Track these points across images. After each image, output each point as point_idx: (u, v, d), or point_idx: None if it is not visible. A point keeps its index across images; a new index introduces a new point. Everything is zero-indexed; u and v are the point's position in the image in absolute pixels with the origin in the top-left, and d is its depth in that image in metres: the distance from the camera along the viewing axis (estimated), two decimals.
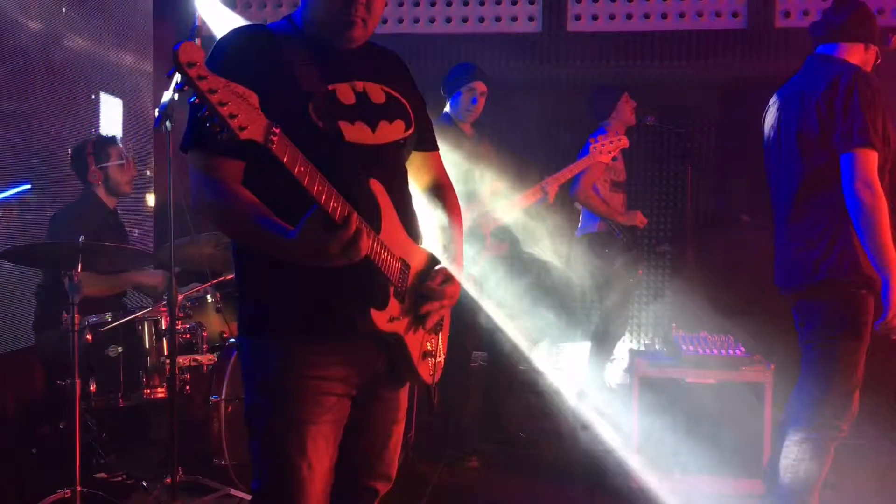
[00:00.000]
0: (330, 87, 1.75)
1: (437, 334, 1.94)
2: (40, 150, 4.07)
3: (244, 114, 1.39)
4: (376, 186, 1.71)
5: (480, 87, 3.98)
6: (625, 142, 4.03)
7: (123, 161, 3.84)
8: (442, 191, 2.09)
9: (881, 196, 2.49)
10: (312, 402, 1.73)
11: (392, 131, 1.83)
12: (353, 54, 1.84)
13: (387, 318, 1.73)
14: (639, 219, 4.53)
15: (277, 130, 1.43)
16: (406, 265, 1.79)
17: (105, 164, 3.80)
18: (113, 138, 3.95)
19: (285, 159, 1.46)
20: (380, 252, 1.68)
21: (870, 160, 2.50)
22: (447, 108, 4.03)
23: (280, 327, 1.75)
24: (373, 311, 1.70)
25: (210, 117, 1.37)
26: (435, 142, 2.08)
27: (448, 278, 1.86)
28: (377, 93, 1.83)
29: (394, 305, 1.75)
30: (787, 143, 2.72)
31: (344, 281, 1.68)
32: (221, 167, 1.70)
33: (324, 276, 1.65)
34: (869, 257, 2.53)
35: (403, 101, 1.89)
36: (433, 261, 1.89)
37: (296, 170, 1.47)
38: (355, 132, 1.76)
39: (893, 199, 2.66)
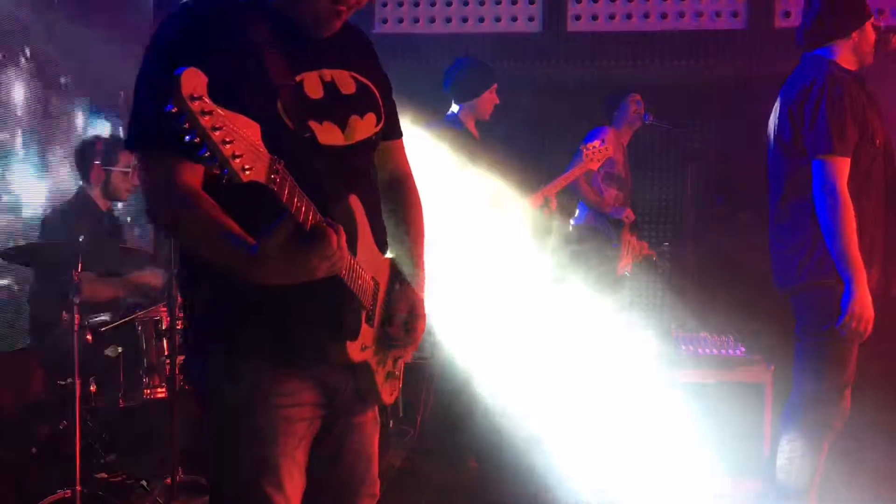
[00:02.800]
0: (297, 79, 1.56)
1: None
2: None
3: (248, 153, 1.21)
4: (355, 204, 1.56)
5: (496, 85, 3.99)
6: (610, 151, 4.09)
7: (129, 170, 3.76)
8: (401, 185, 1.88)
9: (844, 202, 2.53)
10: (286, 433, 1.59)
11: (364, 128, 1.67)
12: (321, 38, 1.62)
13: (359, 348, 1.61)
14: (625, 214, 4.53)
15: (280, 167, 1.27)
16: (377, 284, 1.67)
17: (110, 168, 3.74)
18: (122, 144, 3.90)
19: (285, 197, 1.29)
20: (355, 277, 1.54)
21: (836, 167, 2.55)
22: (454, 109, 3.97)
23: (247, 353, 1.58)
24: (348, 344, 1.57)
25: (210, 158, 1.18)
26: (400, 129, 1.88)
27: (413, 313, 1.73)
28: (346, 81, 1.65)
29: (365, 332, 1.62)
30: (774, 147, 2.76)
31: (316, 308, 1.55)
32: (186, 171, 1.48)
33: (296, 300, 1.51)
34: (834, 261, 2.55)
35: (373, 88, 1.72)
36: (395, 273, 1.76)
37: (293, 207, 1.32)
38: (326, 134, 1.59)
39: (889, 194, 2.68)
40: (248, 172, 1.21)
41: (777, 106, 2.82)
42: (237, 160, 1.19)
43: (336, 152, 1.60)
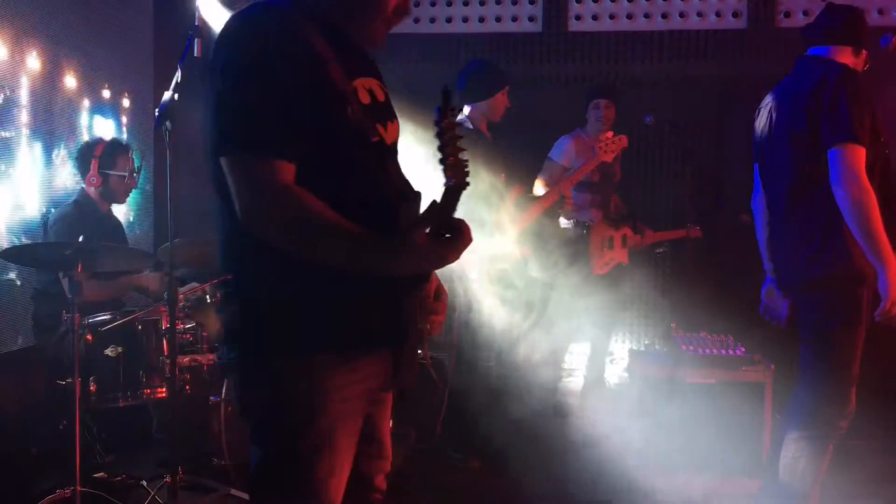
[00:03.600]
0: (352, 86, 1.64)
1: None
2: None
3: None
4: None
5: (508, 87, 4.00)
6: (624, 142, 4.12)
7: (126, 174, 3.81)
8: None
9: (868, 190, 2.50)
10: (351, 430, 1.65)
11: (395, 130, 1.78)
12: (360, 49, 1.75)
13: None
14: (590, 216, 4.50)
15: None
16: None
17: (108, 172, 3.77)
18: (124, 146, 3.91)
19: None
20: None
21: (856, 155, 2.52)
22: (466, 111, 3.94)
23: (327, 345, 1.59)
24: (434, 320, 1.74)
25: (448, 175, 1.47)
26: None
27: (440, 289, 1.83)
28: (378, 90, 1.73)
29: None
30: (780, 142, 2.74)
31: (403, 297, 1.63)
32: (292, 174, 1.51)
33: (383, 292, 1.58)
34: (863, 250, 2.53)
35: (389, 96, 1.82)
36: None
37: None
38: (384, 134, 1.70)
39: (885, 196, 2.68)
40: (466, 181, 1.48)
41: (770, 105, 2.82)
42: (468, 170, 1.48)
43: (392, 151, 1.74)
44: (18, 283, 3.81)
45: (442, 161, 1.48)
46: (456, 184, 1.48)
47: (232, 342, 1.64)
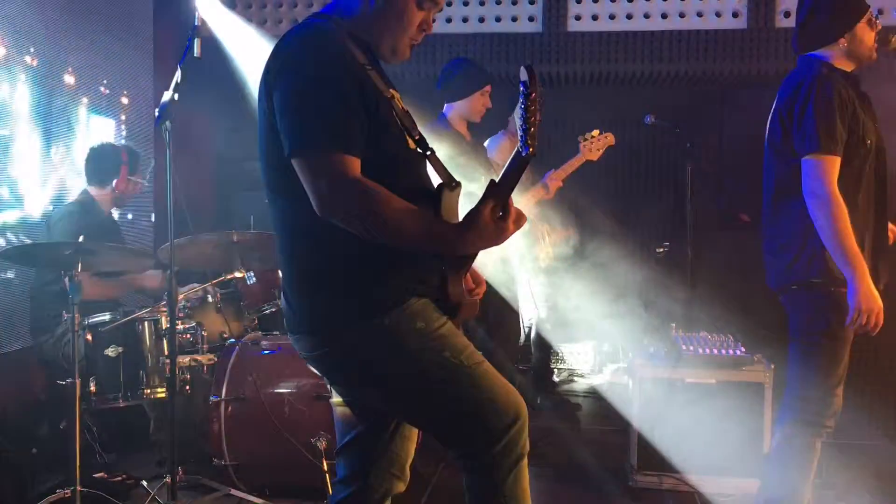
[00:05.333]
0: (390, 93, 1.83)
1: None
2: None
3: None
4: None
5: (489, 87, 3.93)
6: (611, 140, 4.07)
7: (139, 181, 3.96)
8: None
9: (836, 200, 2.51)
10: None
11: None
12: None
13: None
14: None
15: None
16: None
17: (132, 178, 3.89)
18: (139, 152, 4.07)
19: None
20: None
21: (824, 166, 2.53)
22: (445, 109, 3.89)
23: (412, 293, 1.79)
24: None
25: (529, 136, 1.63)
26: None
27: (477, 279, 2.04)
28: (400, 99, 1.92)
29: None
30: (767, 147, 2.77)
31: (460, 267, 1.87)
32: (357, 166, 1.68)
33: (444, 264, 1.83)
34: (823, 261, 2.55)
35: None
36: None
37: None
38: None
39: (879, 193, 2.68)
40: (535, 152, 1.64)
41: (773, 108, 2.83)
42: (536, 141, 1.64)
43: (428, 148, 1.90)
44: (18, 283, 3.81)
45: (524, 130, 1.65)
46: (529, 153, 1.65)
47: (334, 328, 1.78)
